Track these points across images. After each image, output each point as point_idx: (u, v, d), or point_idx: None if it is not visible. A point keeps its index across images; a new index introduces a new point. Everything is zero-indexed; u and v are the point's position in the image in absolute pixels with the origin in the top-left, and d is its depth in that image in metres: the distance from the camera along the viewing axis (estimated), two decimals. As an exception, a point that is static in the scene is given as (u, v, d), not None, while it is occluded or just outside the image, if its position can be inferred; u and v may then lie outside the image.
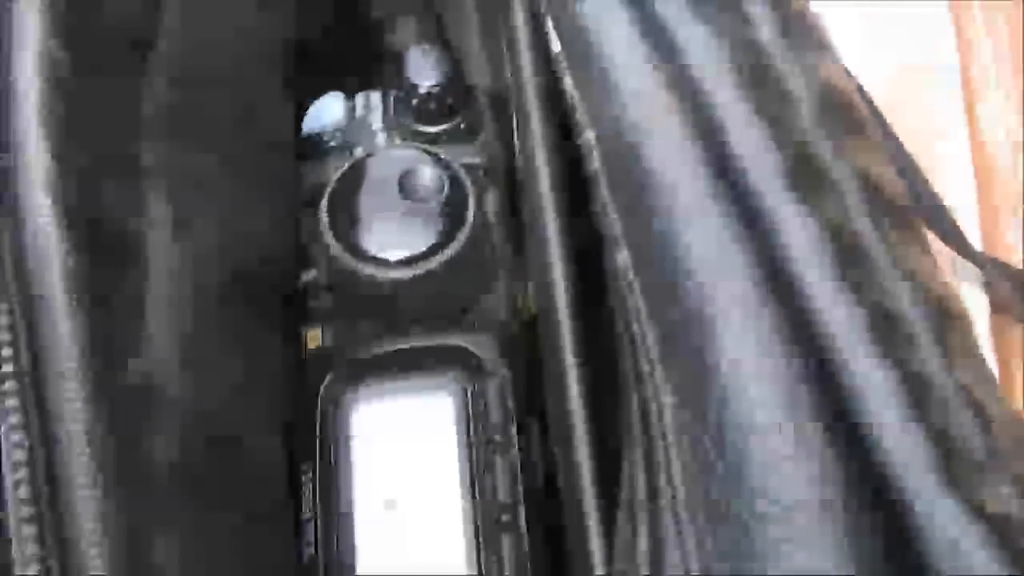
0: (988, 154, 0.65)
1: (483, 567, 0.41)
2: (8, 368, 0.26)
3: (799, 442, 0.23)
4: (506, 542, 0.41)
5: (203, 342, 0.38)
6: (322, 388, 0.45)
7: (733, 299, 0.24)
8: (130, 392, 0.34)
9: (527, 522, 0.42)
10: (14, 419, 0.26)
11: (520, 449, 0.43)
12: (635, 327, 0.27)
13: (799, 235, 0.24)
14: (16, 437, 0.25)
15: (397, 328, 0.45)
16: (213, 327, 0.39)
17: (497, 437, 0.43)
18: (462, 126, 0.51)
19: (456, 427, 0.43)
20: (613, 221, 0.28)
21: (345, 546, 0.42)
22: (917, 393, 0.22)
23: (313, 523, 0.43)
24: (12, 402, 0.26)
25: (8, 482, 0.25)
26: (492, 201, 0.49)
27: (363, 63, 0.61)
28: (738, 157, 0.25)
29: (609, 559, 0.34)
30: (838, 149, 0.27)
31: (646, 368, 0.26)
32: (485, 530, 0.41)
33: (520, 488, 0.42)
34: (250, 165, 0.46)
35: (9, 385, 0.26)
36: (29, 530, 0.25)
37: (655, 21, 0.28)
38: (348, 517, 0.42)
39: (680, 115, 0.27)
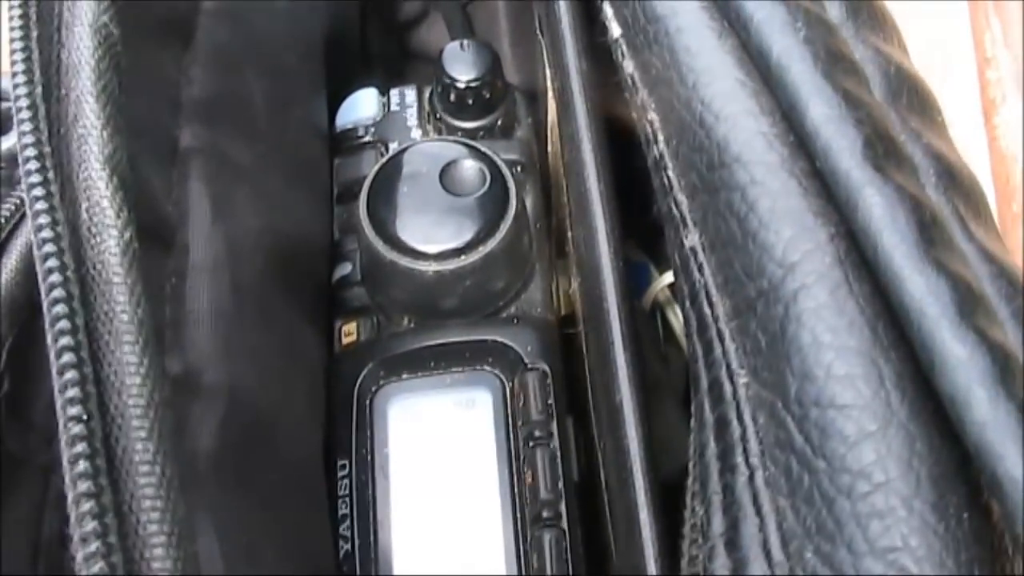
0: (1007, 163, 0.65)
1: (524, 565, 0.40)
2: (66, 341, 0.26)
3: (885, 419, 0.22)
4: (548, 539, 0.40)
5: (241, 329, 0.38)
6: (357, 383, 0.44)
7: (815, 273, 0.24)
8: (174, 378, 0.34)
9: (568, 518, 0.41)
10: (71, 392, 0.25)
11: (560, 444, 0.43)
12: (705, 307, 0.26)
13: (879, 206, 0.23)
14: (73, 411, 0.25)
15: (435, 323, 0.45)
16: (251, 314, 0.39)
17: (537, 432, 0.42)
18: (499, 122, 0.50)
19: (495, 422, 0.43)
20: (681, 203, 0.28)
21: (382, 544, 0.41)
22: (1004, 371, 0.22)
23: (349, 519, 0.42)
24: (70, 375, 0.25)
25: (65, 456, 0.25)
26: (530, 196, 0.48)
27: (396, 59, 0.60)
28: (814, 132, 0.25)
29: (662, 550, 0.33)
30: (910, 128, 0.27)
31: (717, 348, 0.26)
32: (526, 527, 0.41)
33: (562, 484, 0.42)
34: (286, 155, 0.46)
35: (67, 358, 0.25)
36: (87, 505, 0.24)
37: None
38: (384, 514, 0.42)
39: (753, 91, 0.26)
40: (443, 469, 0.42)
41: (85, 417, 0.25)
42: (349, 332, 0.46)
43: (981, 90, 0.70)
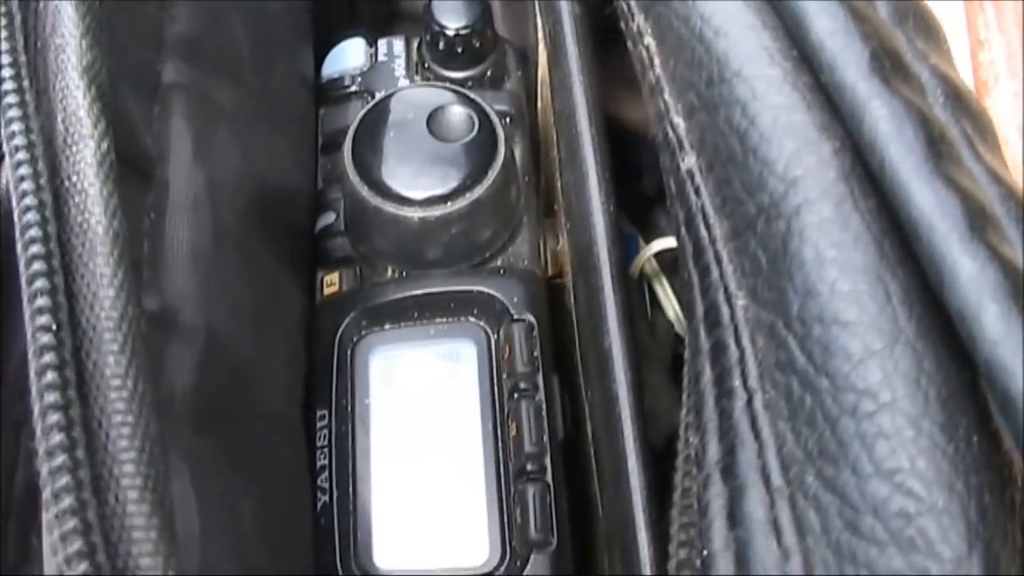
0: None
1: (507, 519, 0.39)
2: (36, 250, 0.24)
3: (892, 336, 0.21)
4: (532, 492, 0.39)
5: (220, 271, 0.37)
6: (339, 333, 0.43)
7: (819, 187, 0.23)
8: (150, 315, 0.33)
9: (553, 472, 0.40)
10: (40, 302, 0.24)
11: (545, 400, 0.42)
12: (702, 230, 0.25)
13: (886, 119, 0.22)
14: (42, 320, 0.24)
15: (419, 272, 0.44)
16: (230, 257, 0.38)
17: (522, 384, 0.41)
18: (488, 73, 0.49)
19: (479, 374, 0.42)
20: (678, 126, 0.27)
21: (360, 496, 0.40)
22: (1016, 287, 0.21)
23: (328, 470, 0.41)
24: (39, 284, 0.24)
25: (32, 368, 0.23)
26: (519, 148, 0.47)
27: (384, 10, 0.59)
28: (819, 45, 0.24)
29: (650, 497, 0.33)
30: (917, 48, 0.26)
31: (714, 271, 0.25)
32: (510, 481, 0.40)
33: (546, 437, 0.40)
34: (271, 102, 0.45)
35: (37, 267, 0.24)
36: (54, 417, 0.23)
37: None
38: (364, 465, 0.41)
39: (755, 6, 0.25)
40: (425, 421, 0.41)
41: (54, 327, 0.24)
42: (331, 282, 0.45)
43: (974, 72, 0.69)
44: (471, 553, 0.39)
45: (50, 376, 0.23)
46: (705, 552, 0.22)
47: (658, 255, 0.54)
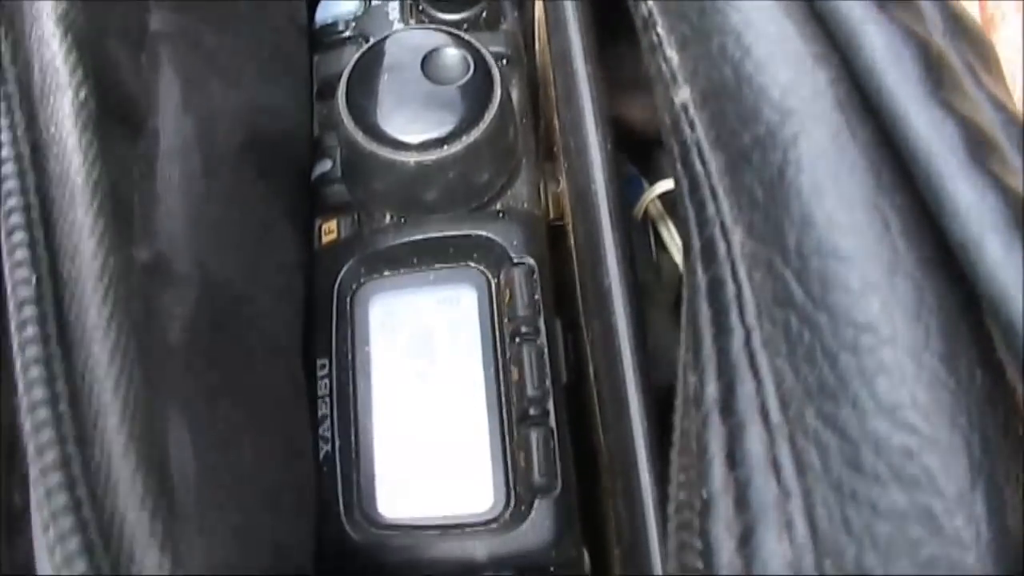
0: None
1: (511, 464, 0.39)
2: (14, 202, 0.24)
3: (891, 268, 0.20)
4: (535, 437, 0.39)
5: (214, 217, 0.36)
6: (338, 280, 0.43)
7: (815, 117, 0.22)
8: (143, 265, 0.32)
9: (556, 416, 0.40)
10: (20, 255, 0.23)
11: (547, 344, 0.41)
12: (697, 165, 0.24)
13: (882, 45, 0.21)
14: (22, 274, 0.23)
15: (417, 217, 0.43)
16: (225, 203, 0.37)
17: (524, 328, 0.41)
18: (484, 14, 0.48)
19: (480, 319, 0.41)
20: (671, 59, 0.26)
21: (363, 445, 0.40)
22: (1019, 215, 0.20)
23: (330, 420, 0.41)
24: (19, 236, 0.24)
25: (13, 322, 0.23)
26: (516, 90, 0.46)
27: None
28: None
29: (652, 438, 0.32)
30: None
31: (710, 206, 0.24)
32: (513, 425, 0.39)
33: (549, 381, 0.40)
34: (264, 47, 0.44)
35: (16, 219, 0.24)
36: (36, 371, 0.22)
37: None
38: (366, 414, 0.41)
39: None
40: (426, 368, 0.41)
41: (34, 280, 0.23)
42: (329, 230, 0.45)
43: (980, 9, 0.68)
44: (475, 499, 0.39)
45: (31, 330, 0.23)
46: (704, 493, 0.22)
47: (662, 196, 0.53)
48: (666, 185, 0.51)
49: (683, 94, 0.25)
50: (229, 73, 0.40)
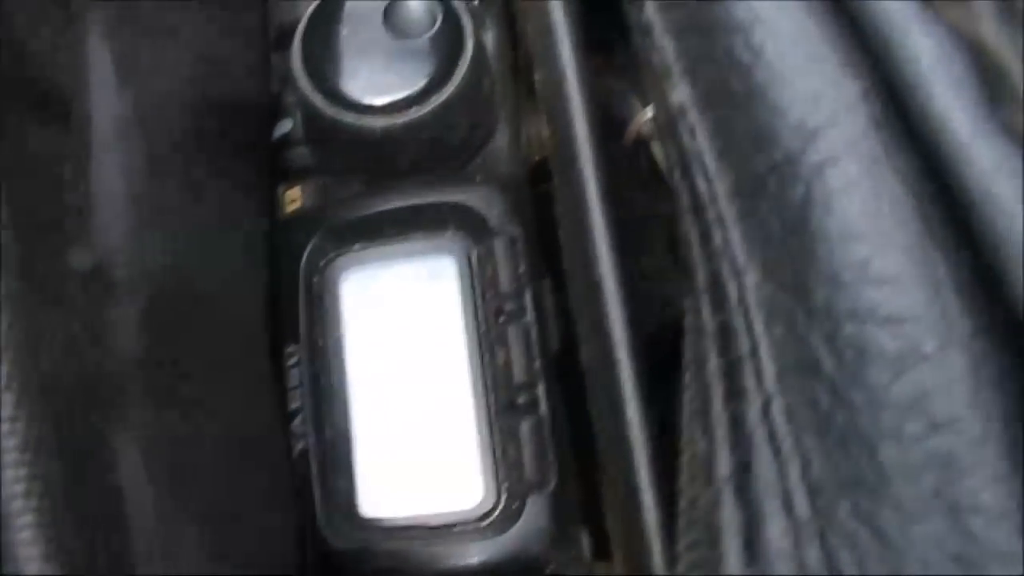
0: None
1: (499, 458, 0.36)
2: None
3: (944, 337, 0.17)
4: (524, 427, 0.36)
5: (161, 208, 0.33)
6: (304, 256, 0.39)
7: (845, 141, 0.18)
8: (83, 275, 0.29)
9: (548, 402, 0.36)
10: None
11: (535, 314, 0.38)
12: (699, 181, 0.21)
13: (928, 52, 0.17)
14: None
15: (388, 184, 0.39)
16: (173, 189, 0.34)
17: (508, 306, 0.37)
18: (452, -50, 0.44)
19: (461, 295, 0.38)
20: (664, 48, 0.22)
21: (340, 440, 0.37)
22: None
23: (303, 414, 0.37)
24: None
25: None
26: (491, 33, 0.42)
27: None
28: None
29: (651, 450, 0.29)
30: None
31: (716, 235, 0.20)
32: (500, 415, 0.36)
33: (538, 364, 0.37)
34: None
35: None
36: None
37: None
38: (342, 405, 0.37)
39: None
40: (405, 352, 0.38)
41: None
42: (293, 198, 0.41)
43: None
44: (462, 496, 0.36)
45: None
46: (720, 588, 0.18)
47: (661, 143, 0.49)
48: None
49: (680, 93, 0.21)
50: (169, 34, 0.36)
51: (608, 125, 0.37)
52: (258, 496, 0.35)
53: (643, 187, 0.49)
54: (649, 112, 0.49)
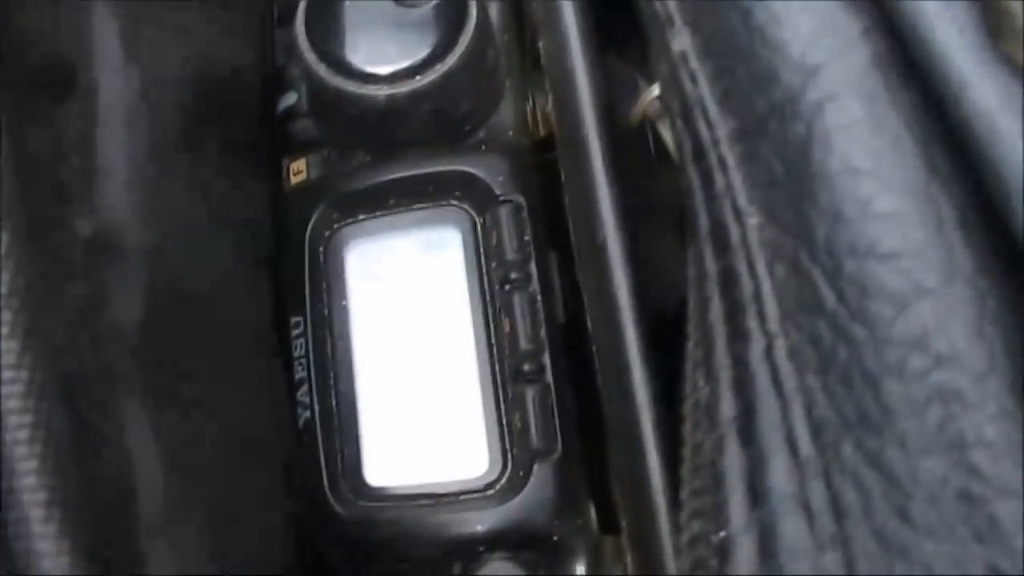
0: None
1: (506, 426, 0.35)
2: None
3: (947, 271, 0.16)
4: (531, 395, 0.36)
5: (166, 180, 0.33)
6: (309, 227, 0.39)
7: (846, 78, 0.18)
8: (85, 241, 0.29)
9: (553, 370, 0.36)
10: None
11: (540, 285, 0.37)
12: (701, 127, 0.20)
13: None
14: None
15: (393, 154, 0.39)
16: (178, 162, 0.34)
17: (514, 274, 0.37)
18: (456, -82, 0.43)
19: (466, 264, 0.38)
20: (665, -2, 0.22)
21: (345, 410, 0.37)
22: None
23: (308, 384, 0.37)
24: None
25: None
26: (496, 2, 0.42)
27: None
28: None
29: (657, 402, 0.29)
30: None
31: (719, 179, 0.20)
32: (506, 383, 0.36)
33: (543, 332, 0.36)
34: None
35: None
36: None
37: None
38: (347, 375, 0.37)
39: None
40: (410, 321, 0.38)
41: None
42: (298, 170, 0.41)
43: None
44: (468, 464, 0.36)
45: None
46: (723, 533, 0.18)
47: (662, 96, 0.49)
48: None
49: (682, 40, 0.21)
50: (174, 9, 0.36)
51: (613, 107, 0.37)
52: (259, 465, 0.35)
53: (649, 172, 0.49)
54: (655, 91, 0.49)
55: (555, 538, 0.35)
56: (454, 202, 0.39)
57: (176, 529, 0.28)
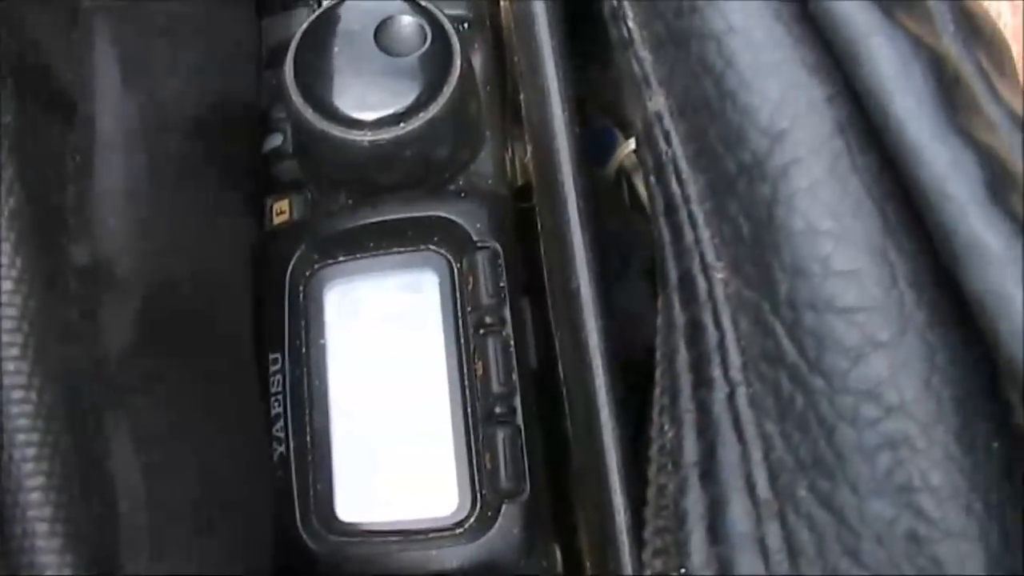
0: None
1: (476, 466, 0.36)
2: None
3: (899, 325, 0.18)
4: (501, 436, 0.36)
5: (160, 210, 0.34)
6: (290, 267, 0.40)
7: (810, 143, 0.19)
8: (81, 269, 0.30)
9: (524, 413, 0.37)
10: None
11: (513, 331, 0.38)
12: (673, 184, 0.22)
13: (889, 59, 0.18)
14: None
15: (374, 198, 0.40)
16: (171, 192, 0.35)
17: (488, 319, 0.38)
18: (443, -27, 0.45)
19: (442, 308, 0.39)
20: (643, 59, 0.23)
21: (319, 445, 0.38)
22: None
23: (283, 419, 0.38)
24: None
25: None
26: (479, 56, 0.43)
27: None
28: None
29: (624, 445, 0.30)
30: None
31: (688, 234, 0.21)
32: (477, 425, 0.37)
33: (516, 376, 0.37)
34: (207, 12, 0.41)
35: None
36: None
37: None
38: (322, 412, 0.38)
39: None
40: (386, 361, 0.38)
41: None
42: (281, 210, 0.42)
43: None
44: (438, 503, 0.37)
45: None
46: (683, 570, 0.19)
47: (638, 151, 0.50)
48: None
49: (657, 101, 0.22)
50: (171, 45, 0.37)
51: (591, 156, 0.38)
52: (242, 501, 0.36)
53: (625, 222, 0.50)
54: (631, 145, 0.51)
55: (521, 577, 0.36)
56: (432, 247, 0.40)
57: (158, 550, 0.29)
